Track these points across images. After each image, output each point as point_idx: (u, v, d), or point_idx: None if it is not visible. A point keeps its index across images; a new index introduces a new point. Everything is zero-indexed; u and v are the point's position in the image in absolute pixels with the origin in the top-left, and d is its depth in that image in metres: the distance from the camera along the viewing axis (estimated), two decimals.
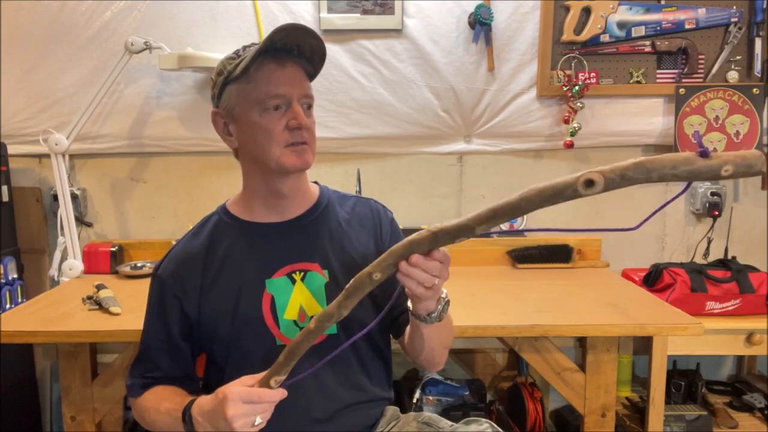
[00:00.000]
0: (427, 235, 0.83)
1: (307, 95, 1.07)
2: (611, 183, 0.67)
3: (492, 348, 2.33)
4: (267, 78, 1.04)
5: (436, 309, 0.99)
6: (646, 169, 0.65)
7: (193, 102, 2.18)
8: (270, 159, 1.06)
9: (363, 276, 0.87)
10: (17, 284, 2.00)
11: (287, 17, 2.13)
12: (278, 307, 1.10)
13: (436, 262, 0.89)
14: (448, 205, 2.31)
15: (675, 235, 2.32)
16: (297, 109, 1.04)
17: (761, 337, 1.85)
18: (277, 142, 1.05)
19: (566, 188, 0.70)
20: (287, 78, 1.05)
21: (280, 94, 1.04)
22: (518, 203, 0.74)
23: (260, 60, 1.03)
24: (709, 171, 0.64)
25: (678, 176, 0.65)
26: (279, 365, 0.92)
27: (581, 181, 0.68)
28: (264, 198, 1.13)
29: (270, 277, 1.11)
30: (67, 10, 2.11)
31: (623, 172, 0.66)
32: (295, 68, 1.07)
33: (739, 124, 2.17)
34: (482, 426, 1.08)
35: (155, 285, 1.15)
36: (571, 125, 2.15)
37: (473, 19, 2.10)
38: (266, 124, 1.04)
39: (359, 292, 0.87)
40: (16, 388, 2.09)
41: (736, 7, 2.13)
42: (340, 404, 1.12)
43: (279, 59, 1.05)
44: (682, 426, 1.94)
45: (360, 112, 2.19)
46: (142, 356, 1.16)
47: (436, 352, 1.12)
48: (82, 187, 2.25)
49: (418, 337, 1.07)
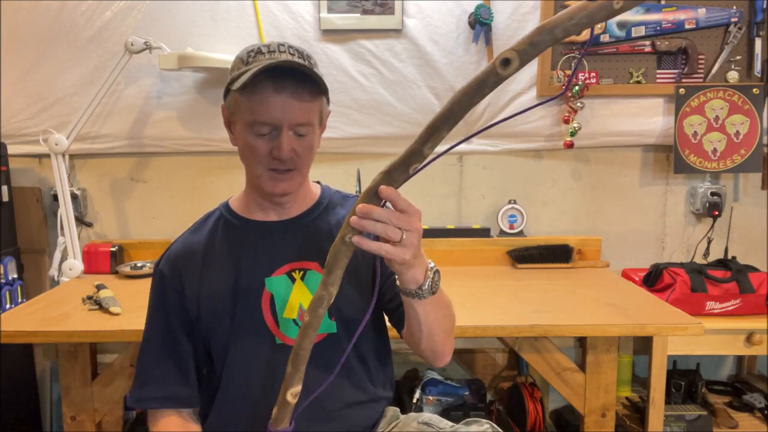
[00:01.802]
0: (380, 176, 0.81)
1: (301, 123, 1.02)
2: (524, 54, 0.68)
3: (492, 348, 2.33)
4: (259, 101, 1.00)
5: (425, 281, 0.93)
6: (549, 29, 0.67)
7: (193, 102, 2.18)
8: (254, 175, 1.07)
9: (337, 244, 0.84)
10: (17, 284, 2.00)
11: (287, 17, 2.13)
12: (278, 305, 1.10)
13: (397, 213, 0.84)
14: (448, 205, 2.31)
15: (675, 235, 2.32)
16: (283, 140, 1.01)
17: (761, 337, 1.85)
18: (260, 162, 1.04)
19: (487, 75, 0.71)
20: (280, 104, 1.00)
21: (268, 122, 1.01)
22: (450, 108, 0.74)
23: (259, 79, 0.99)
24: (602, 9, 0.66)
25: (579, 25, 0.66)
26: (290, 376, 0.89)
27: (497, 63, 0.69)
28: (263, 198, 1.13)
29: (270, 276, 1.10)
30: (67, 10, 2.11)
31: (530, 40, 0.68)
32: (294, 92, 1.00)
33: (739, 124, 2.17)
34: (483, 427, 1.07)
35: (156, 280, 1.16)
36: (571, 125, 2.15)
37: (473, 19, 2.10)
38: (253, 144, 1.03)
39: (339, 262, 0.84)
40: (16, 388, 2.09)
41: (736, 7, 2.13)
42: (341, 403, 1.12)
43: (277, 82, 0.99)
44: (682, 426, 1.94)
45: (360, 112, 2.19)
46: (143, 355, 1.15)
47: (436, 337, 1.05)
48: (82, 187, 2.25)
49: (415, 321, 1.01)
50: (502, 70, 0.69)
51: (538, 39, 0.68)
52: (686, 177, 2.28)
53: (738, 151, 2.18)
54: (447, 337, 1.08)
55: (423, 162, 0.78)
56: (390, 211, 0.83)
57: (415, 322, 1.01)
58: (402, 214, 0.85)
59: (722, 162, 2.18)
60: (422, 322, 1.00)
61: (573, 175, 2.28)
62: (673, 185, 2.29)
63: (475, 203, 2.31)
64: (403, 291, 0.96)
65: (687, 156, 2.18)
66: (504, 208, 2.24)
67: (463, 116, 0.74)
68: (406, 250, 0.86)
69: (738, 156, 2.18)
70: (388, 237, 0.84)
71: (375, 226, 0.82)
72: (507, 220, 2.23)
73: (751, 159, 2.18)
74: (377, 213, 0.82)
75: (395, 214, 0.84)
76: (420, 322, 1.00)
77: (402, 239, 0.85)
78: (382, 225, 0.83)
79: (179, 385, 1.13)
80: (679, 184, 2.29)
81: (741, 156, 2.18)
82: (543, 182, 2.29)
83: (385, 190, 0.81)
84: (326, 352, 1.05)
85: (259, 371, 1.09)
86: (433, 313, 1.00)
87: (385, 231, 0.83)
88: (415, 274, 0.92)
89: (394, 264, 0.89)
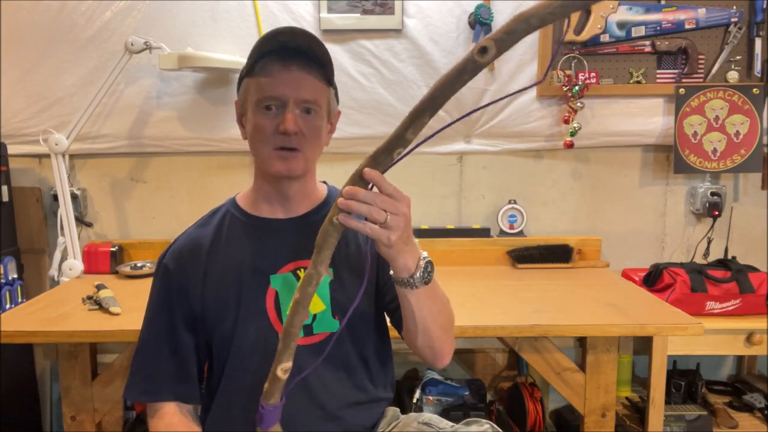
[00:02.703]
0: (366, 160, 0.85)
1: (307, 100, 1.04)
2: (501, 42, 0.71)
3: (492, 348, 2.33)
4: (267, 78, 1.04)
5: (417, 270, 0.95)
6: (525, 19, 0.70)
7: (193, 102, 2.18)
8: (261, 158, 1.08)
9: (326, 225, 0.87)
10: (17, 284, 2.00)
11: (287, 17, 2.13)
12: (282, 302, 1.10)
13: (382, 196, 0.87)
14: (448, 205, 2.31)
15: (675, 235, 2.32)
16: (288, 114, 1.03)
17: (761, 337, 1.85)
18: (267, 142, 1.05)
19: (465, 64, 0.74)
20: (287, 80, 1.03)
21: (275, 96, 1.03)
22: (432, 94, 0.77)
23: (267, 59, 1.04)
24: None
25: (554, 14, 0.69)
26: (280, 353, 0.92)
27: (475, 51, 0.72)
28: (269, 194, 1.14)
29: (275, 273, 1.11)
30: (67, 10, 2.11)
31: (507, 29, 0.71)
32: (302, 72, 1.04)
33: (739, 124, 2.17)
34: (483, 427, 1.08)
35: (159, 273, 1.15)
36: (571, 125, 2.15)
37: (473, 19, 2.10)
38: (260, 122, 1.05)
39: (328, 243, 0.87)
40: (16, 388, 2.09)
41: (736, 7, 2.13)
42: (342, 403, 1.12)
43: (286, 60, 1.04)
44: (682, 426, 1.94)
45: (360, 112, 2.19)
46: (143, 347, 1.15)
47: (432, 333, 1.04)
48: (82, 187, 2.25)
49: (409, 313, 1.01)
50: (479, 57, 0.72)
51: (515, 27, 0.71)
52: (686, 177, 2.28)
53: (738, 151, 2.18)
54: (444, 335, 1.08)
55: (407, 148, 0.82)
56: (375, 194, 0.87)
57: (409, 314, 1.02)
58: (388, 197, 0.88)
59: (722, 162, 2.18)
60: (416, 315, 1.01)
61: (573, 175, 2.28)
62: (673, 185, 2.29)
63: (475, 203, 2.31)
64: (396, 281, 0.97)
65: (687, 156, 2.18)
66: (504, 208, 2.24)
67: (444, 103, 0.77)
68: (391, 232, 0.89)
69: (738, 156, 2.18)
70: (372, 218, 0.87)
71: (360, 206, 0.86)
72: (507, 220, 2.23)
73: (751, 159, 2.18)
74: (362, 194, 0.86)
75: (380, 197, 0.87)
76: (414, 314, 1.01)
77: (387, 221, 0.88)
78: (366, 206, 0.86)
79: (181, 381, 1.13)
80: (679, 184, 2.29)
81: (741, 156, 2.18)
82: (543, 182, 2.29)
83: (369, 173, 0.85)
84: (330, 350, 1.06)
85: (260, 367, 1.08)
86: (428, 306, 1.01)
87: (369, 211, 0.86)
88: (406, 261, 0.94)
89: (381, 246, 0.91)
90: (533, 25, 0.70)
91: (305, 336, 1.09)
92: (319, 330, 1.10)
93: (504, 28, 0.71)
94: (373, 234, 0.88)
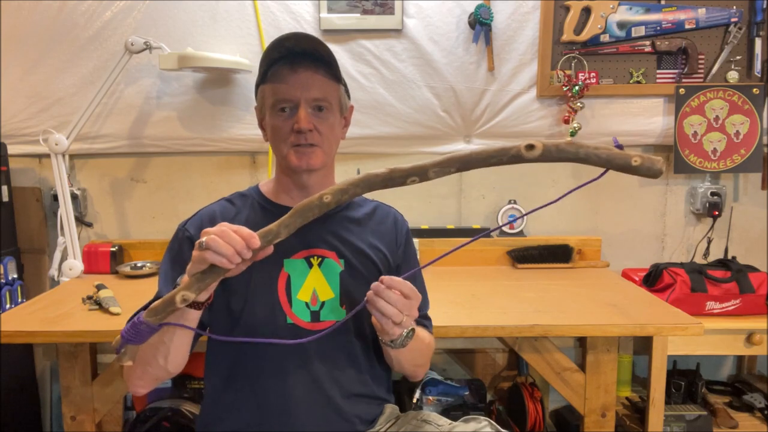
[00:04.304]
0: (384, 172, 0.89)
1: (317, 98, 1.12)
2: (548, 152, 0.80)
3: (492, 348, 2.33)
4: (278, 82, 1.12)
5: (399, 337, 1.06)
6: (576, 147, 0.80)
7: (193, 102, 2.18)
8: (281, 156, 1.15)
9: (313, 200, 0.90)
10: (17, 284, 2.00)
11: (287, 17, 2.13)
12: (293, 286, 1.14)
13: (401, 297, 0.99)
14: (448, 206, 2.31)
15: (675, 235, 2.32)
16: (301, 113, 1.10)
17: (761, 337, 1.85)
18: (284, 141, 1.13)
19: (510, 149, 0.82)
20: (297, 82, 1.11)
21: (287, 98, 1.11)
22: (469, 155, 0.84)
23: (277, 65, 1.12)
24: (622, 158, 0.79)
25: (599, 156, 0.80)
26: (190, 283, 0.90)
27: (524, 144, 0.80)
28: (290, 185, 1.19)
29: (289, 258, 1.14)
30: (67, 10, 2.11)
31: (559, 145, 0.80)
32: (309, 72, 1.12)
33: (739, 124, 2.17)
34: (481, 424, 1.10)
35: (177, 239, 1.18)
36: (571, 125, 2.15)
37: (473, 19, 2.11)
38: (277, 124, 1.13)
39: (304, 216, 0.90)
40: (16, 388, 2.09)
41: (736, 7, 2.13)
42: (344, 391, 1.15)
43: (294, 64, 1.11)
44: (682, 426, 1.94)
45: (360, 112, 2.19)
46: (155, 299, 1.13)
47: (406, 369, 1.21)
48: (82, 187, 2.25)
49: (387, 355, 1.16)
50: (525, 151, 0.81)
51: (565, 147, 0.80)
52: (686, 177, 2.28)
53: (738, 151, 2.18)
54: (416, 368, 1.23)
55: (421, 180, 0.87)
56: (403, 301, 1.00)
57: (387, 356, 1.16)
58: (407, 300, 1.01)
59: (722, 162, 2.18)
60: (393, 359, 1.16)
61: (573, 175, 2.28)
62: (673, 185, 2.29)
63: (475, 203, 2.31)
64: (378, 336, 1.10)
65: (687, 156, 2.18)
66: (504, 208, 2.24)
67: (475, 168, 0.86)
68: (398, 327, 1.03)
69: (738, 156, 2.18)
70: (392, 318, 1.00)
71: (386, 307, 0.99)
72: (507, 220, 2.23)
73: (751, 159, 2.18)
74: (394, 299, 0.99)
75: (402, 301, 1.00)
76: (392, 358, 1.16)
77: (402, 322, 1.02)
78: (392, 308, 0.99)
79: None
80: (679, 184, 2.29)
81: (741, 156, 2.18)
82: (543, 182, 2.29)
83: (389, 281, 0.99)
84: (334, 339, 1.09)
85: (267, 346, 1.11)
86: (404, 355, 1.14)
87: (392, 315, 1.00)
88: (393, 334, 1.06)
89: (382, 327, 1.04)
90: (579, 155, 0.80)
91: (312, 321, 1.13)
92: (325, 317, 1.14)
93: (558, 143, 0.80)
94: (385, 328, 1.02)
